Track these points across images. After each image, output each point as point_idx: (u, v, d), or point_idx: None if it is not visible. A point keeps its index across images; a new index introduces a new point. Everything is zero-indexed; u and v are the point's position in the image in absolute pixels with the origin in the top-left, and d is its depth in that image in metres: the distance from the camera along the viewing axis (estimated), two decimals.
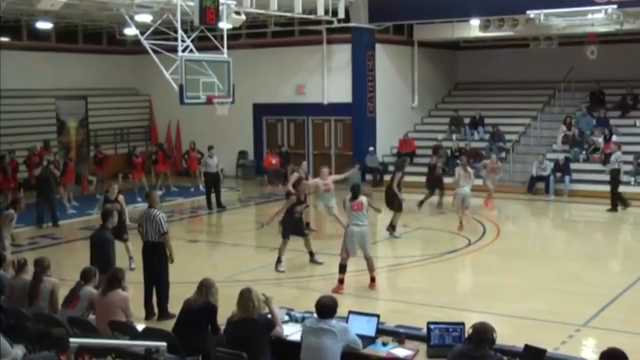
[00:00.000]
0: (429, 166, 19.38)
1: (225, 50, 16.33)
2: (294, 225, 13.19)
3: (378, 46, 23.95)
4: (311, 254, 13.48)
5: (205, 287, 7.81)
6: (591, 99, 24.16)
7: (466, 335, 6.45)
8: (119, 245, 11.28)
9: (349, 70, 23.77)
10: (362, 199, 11.78)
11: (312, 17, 19.71)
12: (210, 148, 19.95)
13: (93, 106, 25.53)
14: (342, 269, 11.73)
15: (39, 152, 20.29)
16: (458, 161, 18.15)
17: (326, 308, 6.89)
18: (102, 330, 8.46)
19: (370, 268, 11.85)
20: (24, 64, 22.77)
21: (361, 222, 11.63)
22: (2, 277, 8.94)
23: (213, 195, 19.55)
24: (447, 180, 18.92)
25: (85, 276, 8.61)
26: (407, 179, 16.68)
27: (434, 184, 18.99)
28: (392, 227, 15.80)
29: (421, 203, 18.54)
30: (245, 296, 7.13)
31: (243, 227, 17.23)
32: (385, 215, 15.46)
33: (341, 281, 11.69)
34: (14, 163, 19.81)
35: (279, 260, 13.17)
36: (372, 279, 11.85)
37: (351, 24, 22.70)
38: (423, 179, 19.50)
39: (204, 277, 7.91)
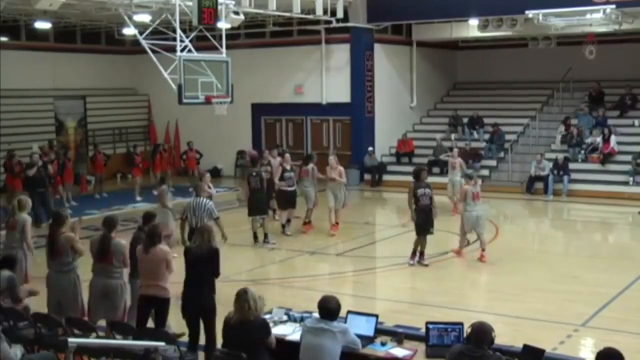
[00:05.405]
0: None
1: (223, 50, 16.32)
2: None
3: (377, 46, 23.95)
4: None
5: (207, 232, 8.20)
6: (590, 98, 24.17)
7: (465, 335, 6.45)
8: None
9: (347, 70, 23.76)
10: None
11: (310, 17, 19.70)
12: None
13: (92, 106, 25.53)
14: None
15: (44, 151, 20.41)
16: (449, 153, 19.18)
17: (330, 310, 6.81)
18: (144, 290, 8.58)
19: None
20: (22, 64, 22.75)
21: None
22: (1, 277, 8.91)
23: None
24: (442, 180, 18.77)
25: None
26: (404, 178, 16.57)
27: (418, 224, 13.23)
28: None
29: (413, 254, 13.40)
30: (242, 298, 6.93)
31: (241, 227, 17.17)
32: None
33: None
34: (9, 163, 19.75)
35: (265, 236, 15.13)
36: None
37: (350, 24, 22.70)
38: None
39: (201, 224, 7.98)
